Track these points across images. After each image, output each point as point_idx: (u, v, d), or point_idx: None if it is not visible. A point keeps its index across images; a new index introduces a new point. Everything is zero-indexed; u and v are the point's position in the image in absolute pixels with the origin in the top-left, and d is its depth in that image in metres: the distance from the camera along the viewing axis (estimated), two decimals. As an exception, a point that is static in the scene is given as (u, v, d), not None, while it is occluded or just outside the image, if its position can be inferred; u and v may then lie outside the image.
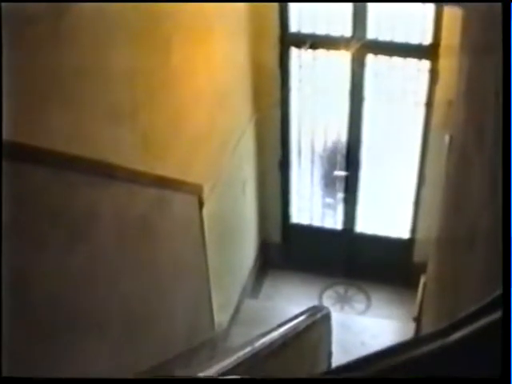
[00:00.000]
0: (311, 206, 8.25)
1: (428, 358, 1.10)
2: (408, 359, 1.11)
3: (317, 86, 7.31)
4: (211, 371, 2.54)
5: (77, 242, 3.64)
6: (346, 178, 7.79)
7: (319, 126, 7.61)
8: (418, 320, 5.31)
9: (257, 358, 3.09)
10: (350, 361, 1.18)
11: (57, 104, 3.33)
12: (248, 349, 3.10)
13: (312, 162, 7.91)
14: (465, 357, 1.11)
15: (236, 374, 2.71)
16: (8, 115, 2.80)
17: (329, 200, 8.09)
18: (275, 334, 3.68)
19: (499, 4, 1.86)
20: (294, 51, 7.22)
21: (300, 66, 7.30)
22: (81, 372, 3.75)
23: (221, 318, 6.61)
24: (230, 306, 7.25)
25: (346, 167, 7.71)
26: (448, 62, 6.28)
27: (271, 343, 3.46)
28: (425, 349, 1.10)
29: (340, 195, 7.97)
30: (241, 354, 2.98)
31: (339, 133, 7.56)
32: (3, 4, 2.57)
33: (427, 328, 4.48)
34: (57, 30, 3.23)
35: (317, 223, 8.37)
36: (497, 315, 1.10)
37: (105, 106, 3.88)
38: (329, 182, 7.94)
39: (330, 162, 7.82)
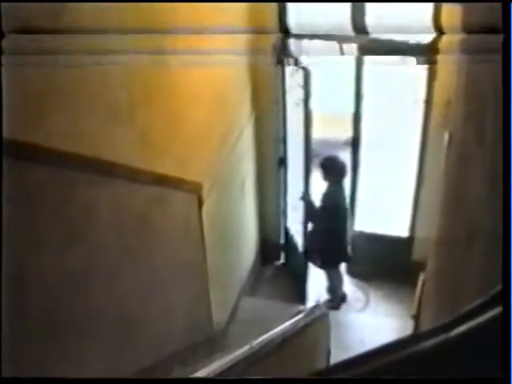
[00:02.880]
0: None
1: (430, 353, 1.10)
2: (410, 354, 1.11)
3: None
4: (210, 369, 2.54)
5: (75, 241, 3.63)
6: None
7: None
8: (416, 318, 5.31)
9: (256, 356, 3.09)
10: (350, 357, 1.18)
11: (55, 103, 3.33)
12: (247, 347, 3.10)
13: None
14: (467, 351, 1.10)
15: (235, 373, 2.71)
16: (7, 114, 2.79)
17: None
18: (274, 333, 3.68)
19: (499, 4, 1.86)
20: (292, 50, 7.21)
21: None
22: (79, 370, 3.75)
23: (219, 316, 6.61)
24: (228, 305, 7.25)
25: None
26: (446, 61, 6.28)
27: (270, 342, 3.46)
28: (427, 343, 1.10)
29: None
30: (240, 352, 2.98)
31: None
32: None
33: (426, 326, 4.48)
34: (55, 29, 3.22)
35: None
36: (498, 310, 1.10)
37: (103, 105, 3.87)
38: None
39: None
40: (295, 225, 8.27)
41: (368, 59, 6.98)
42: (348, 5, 6.70)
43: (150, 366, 4.70)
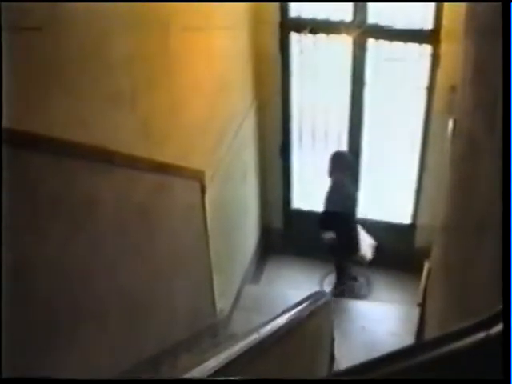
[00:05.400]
0: (312, 191, 8.22)
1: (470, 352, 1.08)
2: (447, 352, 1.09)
3: (318, 71, 7.27)
4: (220, 358, 2.52)
5: (77, 229, 3.62)
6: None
7: (320, 111, 7.58)
8: (422, 306, 5.29)
9: (262, 345, 3.08)
10: (397, 350, 1.16)
11: (56, 90, 3.31)
12: (254, 336, 3.09)
13: (313, 147, 7.88)
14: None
15: (242, 362, 2.70)
16: (8, 102, 2.77)
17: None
18: (279, 322, 3.67)
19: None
20: (294, 36, 7.18)
21: (301, 51, 7.26)
22: (82, 360, 3.74)
23: (222, 303, 6.61)
24: (231, 292, 7.25)
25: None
26: (449, 47, 6.26)
27: (276, 331, 3.44)
28: (467, 341, 1.08)
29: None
30: (246, 341, 2.97)
31: (340, 118, 7.52)
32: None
33: (432, 314, 4.46)
34: (55, 16, 3.20)
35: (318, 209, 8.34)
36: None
37: (104, 93, 3.85)
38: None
39: (331, 148, 7.78)
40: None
41: (370, 45, 6.95)
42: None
43: (154, 354, 4.70)
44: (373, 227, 8.06)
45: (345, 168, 7.04)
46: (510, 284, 1.31)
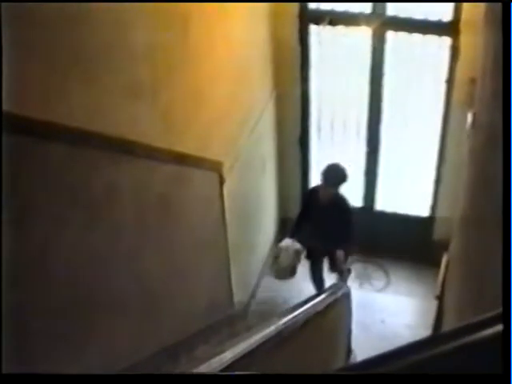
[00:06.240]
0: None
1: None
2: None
3: (337, 62, 7.26)
4: (238, 349, 2.53)
5: (96, 219, 3.64)
6: (367, 155, 7.73)
7: (339, 102, 7.56)
8: (440, 298, 5.27)
9: (279, 337, 3.08)
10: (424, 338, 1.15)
11: (77, 81, 3.32)
12: (271, 328, 3.09)
13: (332, 138, 7.86)
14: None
15: (259, 354, 2.70)
16: (28, 92, 2.79)
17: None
18: (297, 313, 3.67)
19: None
20: (313, 28, 7.16)
21: (320, 43, 7.24)
22: (100, 348, 3.76)
23: (240, 295, 6.61)
24: (249, 283, 7.25)
25: (366, 144, 7.65)
26: (469, 39, 6.23)
27: (293, 322, 3.45)
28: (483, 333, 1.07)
29: (360, 172, 7.91)
30: (264, 333, 2.97)
31: (359, 109, 7.49)
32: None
33: (450, 307, 4.45)
34: (76, 7, 3.21)
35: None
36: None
37: (124, 83, 3.86)
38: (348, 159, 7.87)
39: (349, 139, 7.76)
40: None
41: (389, 37, 6.92)
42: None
43: (171, 344, 4.71)
44: (391, 220, 8.06)
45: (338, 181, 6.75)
46: (510, 282, 1.31)
